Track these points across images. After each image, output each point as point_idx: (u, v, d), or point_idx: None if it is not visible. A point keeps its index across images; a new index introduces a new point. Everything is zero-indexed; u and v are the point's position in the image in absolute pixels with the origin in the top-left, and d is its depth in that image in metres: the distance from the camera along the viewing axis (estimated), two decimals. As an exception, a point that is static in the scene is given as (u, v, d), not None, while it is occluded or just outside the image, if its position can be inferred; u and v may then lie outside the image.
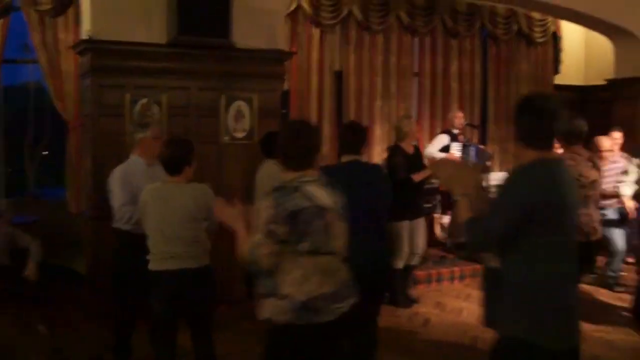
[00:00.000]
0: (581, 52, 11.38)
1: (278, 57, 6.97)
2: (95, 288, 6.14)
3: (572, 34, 11.04)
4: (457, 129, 8.81)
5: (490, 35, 10.19)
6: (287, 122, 6.69)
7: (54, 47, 7.55)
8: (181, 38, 6.25)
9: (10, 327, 4.28)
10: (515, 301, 3.03)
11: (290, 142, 3.31)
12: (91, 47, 6.09)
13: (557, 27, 10.73)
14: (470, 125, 9.38)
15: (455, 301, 7.29)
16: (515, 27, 10.23)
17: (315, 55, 8.74)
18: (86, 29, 6.21)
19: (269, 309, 3.18)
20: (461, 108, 9.60)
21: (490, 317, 3.56)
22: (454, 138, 8.72)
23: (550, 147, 3.11)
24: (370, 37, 9.15)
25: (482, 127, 10.07)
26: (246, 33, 6.58)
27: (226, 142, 6.64)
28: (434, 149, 8.68)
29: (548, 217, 2.96)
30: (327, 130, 8.81)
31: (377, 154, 9.04)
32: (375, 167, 4.98)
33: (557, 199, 2.99)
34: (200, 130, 6.43)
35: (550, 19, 10.49)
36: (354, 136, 4.69)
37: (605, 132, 9.54)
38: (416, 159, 6.90)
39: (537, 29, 10.46)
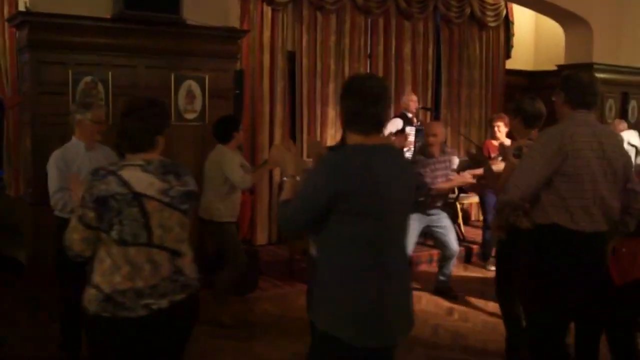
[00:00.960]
0: (531, 38, 11.31)
1: (230, 35, 6.56)
2: (36, 278, 5.68)
3: (523, 19, 10.94)
4: (411, 112, 8.57)
5: (443, 18, 9.93)
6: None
7: (-12, 21, 7.01)
8: (127, 12, 5.75)
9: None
10: (321, 292, 2.88)
11: (123, 122, 3.00)
12: (29, 20, 5.58)
13: (509, 12, 10.58)
14: (424, 108, 9.17)
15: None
16: (468, 11, 10.01)
17: (267, 34, 8.30)
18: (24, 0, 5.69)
19: (85, 297, 2.93)
20: (414, 91, 9.36)
21: (309, 307, 3.46)
22: (407, 122, 8.47)
23: (375, 131, 2.88)
24: (323, 17, 8.76)
25: (435, 110, 9.84)
26: (197, 9, 6.15)
27: (176, 123, 6.15)
28: (387, 132, 8.41)
29: (355, 207, 2.74)
30: (280, 112, 8.42)
31: (330, 137, 8.73)
32: None
33: (367, 188, 2.75)
34: (148, 111, 5.98)
35: (502, 3, 10.34)
36: None
37: (554, 117, 9.47)
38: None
39: (489, 13, 10.28)
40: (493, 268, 7.49)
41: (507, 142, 6.59)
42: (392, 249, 2.89)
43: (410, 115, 8.54)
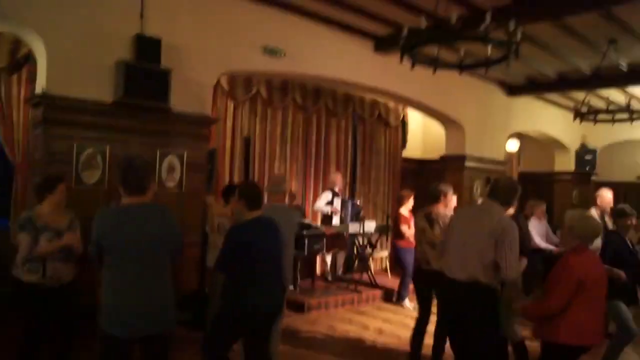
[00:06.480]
0: (420, 135, 11.37)
1: (205, 122, 6.12)
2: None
3: (415, 120, 10.99)
4: (337, 187, 8.30)
5: (359, 117, 9.79)
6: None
7: (6, 99, 6.36)
8: (125, 99, 5.27)
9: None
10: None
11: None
12: (44, 101, 5.00)
13: (405, 115, 10.60)
14: (348, 184, 8.95)
15: (341, 324, 6.57)
16: (376, 113, 9.94)
17: (229, 123, 7.93)
18: (41, 84, 5.11)
19: None
20: (338, 170, 9.11)
21: None
22: (335, 194, 8.20)
23: (136, 193, 3.07)
24: (272, 112, 8.47)
25: (352, 185, 9.60)
26: (180, 99, 5.71)
27: (158, 191, 5.56)
28: (321, 203, 8.13)
29: (107, 244, 2.99)
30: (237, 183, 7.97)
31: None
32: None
33: (112, 233, 3.00)
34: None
35: (401, 108, 10.34)
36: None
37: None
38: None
39: (391, 115, 10.25)
40: (407, 305, 7.29)
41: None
42: (142, 271, 3.01)
43: (337, 189, 8.27)
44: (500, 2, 5.98)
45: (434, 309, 4.82)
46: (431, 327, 4.96)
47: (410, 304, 7.47)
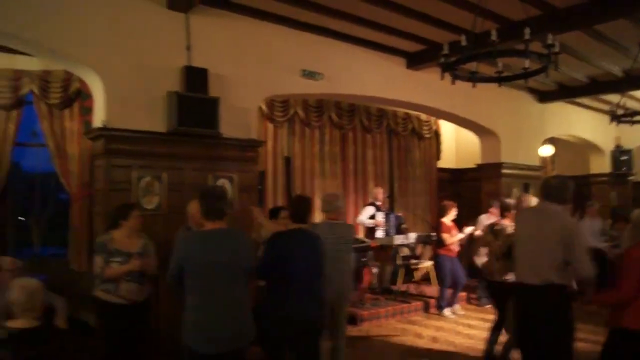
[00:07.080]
0: (453, 145, 11.46)
1: (253, 145, 6.34)
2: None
3: (448, 132, 11.11)
4: (379, 201, 8.46)
5: (393, 132, 9.96)
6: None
7: (60, 133, 6.70)
8: (179, 128, 5.53)
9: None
10: (184, 317, 3.28)
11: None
12: (105, 134, 5.29)
13: (438, 127, 10.73)
14: (387, 197, 9.10)
15: (395, 335, 6.65)
16: (410, 126, 10.12)
17: (270, 144, 8.19)
18: (100, 118, 5.40)
19: None
20: (375, 185, 9.28)
21: None
22: (377, 208, 8.35)
23: (217, 219, 3.31)
24: (310, 131, 8.71)
25: (391, 198, 9.75)
26: (229, 126, 5.95)
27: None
28: (364, 217, 8.29)
29: (189, 267, 3.20)
30: (281, 201, 8.18)
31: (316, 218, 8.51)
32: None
33: (197, 256, 3.21)
34: (191, 202, 5.68)
35: (433, 120, 10.48)
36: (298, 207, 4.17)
37: (477, 202, 9.54)
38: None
39: (425, 128, 10.40)
40: (448, 314, 7.38)
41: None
42: (224, 290, 3.21)
43: (378, 203, 8.43)
44: (530, 13, 6.12)
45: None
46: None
47: (451, 313, 7.56)
